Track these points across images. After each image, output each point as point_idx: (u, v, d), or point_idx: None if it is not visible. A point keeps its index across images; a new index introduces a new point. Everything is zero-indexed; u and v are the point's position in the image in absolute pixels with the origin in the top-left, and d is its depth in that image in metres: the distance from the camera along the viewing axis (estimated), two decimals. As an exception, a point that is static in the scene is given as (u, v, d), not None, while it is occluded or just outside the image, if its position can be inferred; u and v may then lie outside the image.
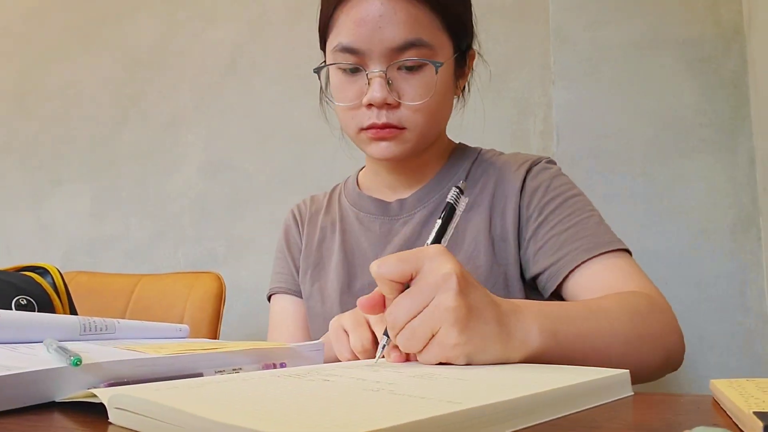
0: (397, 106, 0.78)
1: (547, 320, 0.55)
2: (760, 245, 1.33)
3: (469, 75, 0.89)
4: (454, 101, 0.88)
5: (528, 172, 0.85)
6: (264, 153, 1.83)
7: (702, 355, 1.34)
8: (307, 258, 0.95)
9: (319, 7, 0.83)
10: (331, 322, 0.65)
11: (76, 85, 2.07)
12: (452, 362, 0.50)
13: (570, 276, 0.76)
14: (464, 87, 0.90)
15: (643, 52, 1.43)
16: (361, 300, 0.54)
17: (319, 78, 0.86)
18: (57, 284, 0.90)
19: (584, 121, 1.45)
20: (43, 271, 0.92)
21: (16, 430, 0.34)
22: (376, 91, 0.76)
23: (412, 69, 0.77)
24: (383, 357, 0.55)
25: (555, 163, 0.89)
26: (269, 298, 1.00)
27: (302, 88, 1.77)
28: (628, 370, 0.45)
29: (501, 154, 0.93)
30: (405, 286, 0.52)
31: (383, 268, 0.51)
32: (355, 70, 0.79)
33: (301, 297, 0.96)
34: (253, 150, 1.84)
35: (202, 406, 0.31)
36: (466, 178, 0.89)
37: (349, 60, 0.78)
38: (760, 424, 0.28)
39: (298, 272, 0.97)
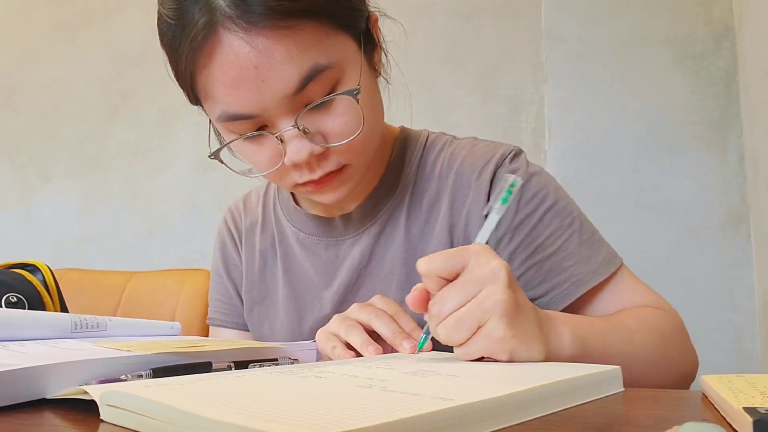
0: (327, 151, 0.64)
1: (577, 330, 0.55)
2: (750, 242, 1.34)
3: (382, 41, 0.72)
4: (378, 81, 0.72)
5: (493, 177, 0.73)
6: (255, 150, 1.82)
7: (691, 351, 1.35)
8: (250, 291, 0.84)
9: (166, 59, 0.68)
10: (318, 334, 0.62)
11: (64, 81, 2.05)
12: (494, 357, 0.49)
13: (569, 306, 0.69)
14: (381, 61, 0.72)
15: (635, 50, 1.43)
16: (409, 298, 0.52)
17: (221, 161, 0.69)
18: (47, 281, 0.90)
19: (575, 118, 1.46)
20: (33, 268, 0.91)
21: (7, 427, 0.34)
22: (296, 153, 0.61)
23: (325, 102, 0.62)
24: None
25: (520, 155, 0.75)
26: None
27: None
28: (619, 366, 0.45)
29: (453, 141, 0.79)
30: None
31: (431, 264, 0.50)
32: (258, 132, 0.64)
33: (246, 329, 0.86)
34: (245, 147, 1.83)
35: (194, 402, 0.31)
36: (416, 177, 0.76)
37: (246, 127, 0.63)
38: (750, 420, 0.28)
39: (240, 299, 0.86)
